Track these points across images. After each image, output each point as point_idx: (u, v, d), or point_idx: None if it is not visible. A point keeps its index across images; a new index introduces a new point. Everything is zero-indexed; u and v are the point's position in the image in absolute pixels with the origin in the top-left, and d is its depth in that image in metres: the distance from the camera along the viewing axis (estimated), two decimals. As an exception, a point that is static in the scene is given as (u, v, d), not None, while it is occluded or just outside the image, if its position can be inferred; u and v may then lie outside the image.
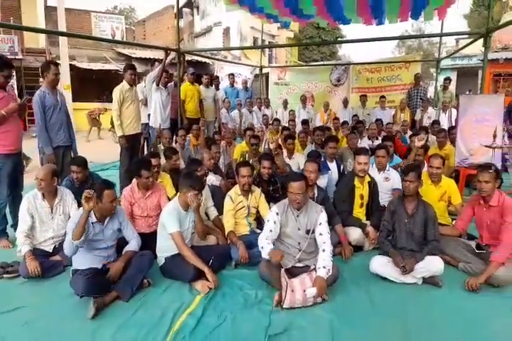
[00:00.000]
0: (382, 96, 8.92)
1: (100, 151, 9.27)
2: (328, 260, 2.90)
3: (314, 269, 2.99)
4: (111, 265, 2.98)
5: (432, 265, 3.06)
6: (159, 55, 15.48)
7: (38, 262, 3.09)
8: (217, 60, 12.84)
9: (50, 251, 3.39)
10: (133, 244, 3.14)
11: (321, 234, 3.02)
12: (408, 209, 3.31)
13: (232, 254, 3.44)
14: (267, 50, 21.35)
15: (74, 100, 13.32)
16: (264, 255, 2.89)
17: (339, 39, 24.84)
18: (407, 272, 3.04)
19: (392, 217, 3.37)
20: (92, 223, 2.92)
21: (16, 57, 13.27)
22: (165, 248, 3.19)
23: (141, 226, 3.66)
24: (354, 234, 3.78)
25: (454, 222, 3.76)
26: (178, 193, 3.31)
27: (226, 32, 22.17)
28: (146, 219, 3.71)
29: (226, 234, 3.66)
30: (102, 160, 8.18)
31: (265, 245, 2.91)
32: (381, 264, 3.18)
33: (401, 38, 22.85)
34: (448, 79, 8.83)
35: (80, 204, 3.49)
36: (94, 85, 15.89)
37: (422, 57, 13.02)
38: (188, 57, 12.59)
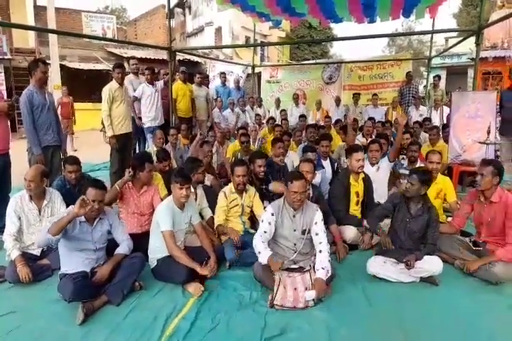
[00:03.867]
0: (375, 94, 8.94)
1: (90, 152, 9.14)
2: (326, 261, 2.85)
3: (308, 271, 2.95)
4: (98, 268, 2.90)
5: (430, 265, 3.01)
6: (151, 54, 15.43)
7: (29, 268, 3.00)
8: (210, 58, 12.74)
9: (38, 254, 3.28)
10: (123, 247, 3.04)
11: (317, 234, 2.96)
12: (411, 209, 3.21)
13: (225, 255, 3.38)
14: (258, 49, 21.33)
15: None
16: (262, 260, 2.85)
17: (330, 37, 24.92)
18: (411, 267, 2.97)
19: (394, 211, 3.28)
20: (80, 222, 2.83)
21: (5, 57, 13.01)
22: (158, 249, 3.10)
23: (133, 226, 3.60)
24: (350, 233, 3.74)
25: (450, 219, 3.74)
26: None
27: (218, 32, 22.12)
28: (139, 218, 3.65)
29: (215, 227, 3.65)
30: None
31: (262, 250, 2.87)
32: (378, 265, 3.12)
33: (392, 35, 22.85)
34: (437, 77, 8.85)
35: (68, 206, 3.41)
36: (85, 85, 15.68)
37: (412, 55, 13.04)
38: (180, 57, 12.48)
